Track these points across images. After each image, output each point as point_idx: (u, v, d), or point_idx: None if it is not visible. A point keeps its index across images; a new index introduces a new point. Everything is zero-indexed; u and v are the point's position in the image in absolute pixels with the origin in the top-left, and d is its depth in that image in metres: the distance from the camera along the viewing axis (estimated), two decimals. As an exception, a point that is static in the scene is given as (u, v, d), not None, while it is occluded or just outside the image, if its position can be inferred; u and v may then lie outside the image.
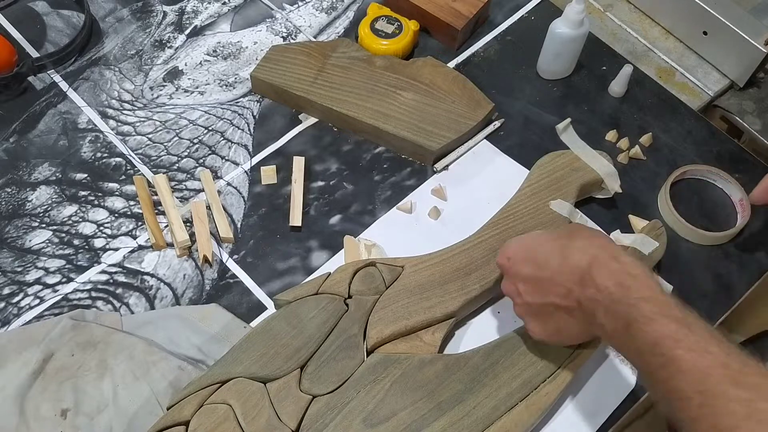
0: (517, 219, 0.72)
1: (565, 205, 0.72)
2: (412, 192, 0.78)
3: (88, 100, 0.83)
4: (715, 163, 0.80)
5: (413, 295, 0.66)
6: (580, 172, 0.75)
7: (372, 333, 0.64)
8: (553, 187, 0.74)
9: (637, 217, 0.76)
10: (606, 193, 0.76)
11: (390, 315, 0.65)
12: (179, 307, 0.70)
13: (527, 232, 0.69)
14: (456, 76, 0.82)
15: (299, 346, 0.63)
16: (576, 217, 0.73)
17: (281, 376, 0.61)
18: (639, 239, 0.71)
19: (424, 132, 0.78)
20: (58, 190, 0.77)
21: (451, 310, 0.66)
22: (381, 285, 0.67)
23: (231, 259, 0.73)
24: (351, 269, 0.68)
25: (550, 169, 0.75)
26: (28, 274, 0.71)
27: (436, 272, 0.68)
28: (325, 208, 0.77)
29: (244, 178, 0.78)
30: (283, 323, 0.64)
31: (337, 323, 0.64)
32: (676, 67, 0.91)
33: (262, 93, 0.84)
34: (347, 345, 0.63)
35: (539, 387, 0.62)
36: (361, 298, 0.66)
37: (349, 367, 0.62)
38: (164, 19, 0.90)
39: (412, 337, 0.65)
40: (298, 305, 0.65)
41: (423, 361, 0.63)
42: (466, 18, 0.86)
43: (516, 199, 0.74)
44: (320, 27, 0.90)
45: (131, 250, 0.73)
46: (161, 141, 0.80)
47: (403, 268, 0.68)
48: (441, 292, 0.67)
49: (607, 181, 0.75)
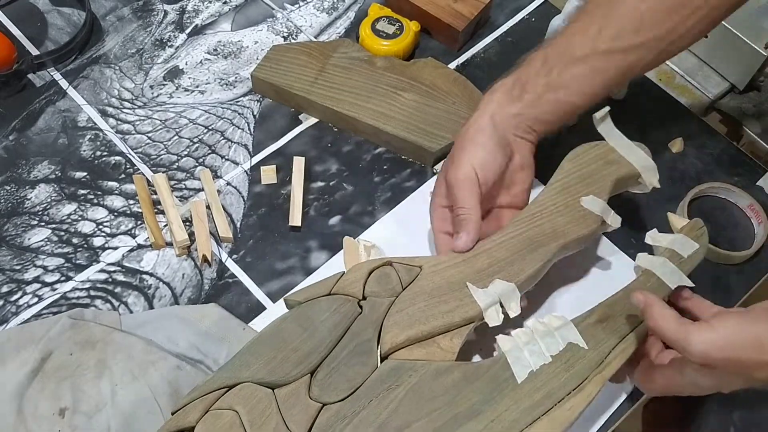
0: (545, 217, 0.66)
1: (597, 203, 0.67)
2: (412, 193, 0.78)
3: (87, 98, 0.83)
4: (714, 166, 0.80)
5: (431, 297, 0.62)
6: (615, 165, 0.69)
7: (386, 338, 0.60)
8: (585, 182, 0.68)
9: (677, 216, 0.70)
10: (643, 188, 0.71)
11: (406, 319, 0.61)
12: (178, 306, 0.70)
13: (556, 230, 0.65)
14: (457, 77, 0.82)
15: (310, 350, 0.59)
16: (609, 215, 0.68)
17: (290, 381, 0.58)
18: (678, 240, 0.66)
19: (425, 133, 0.78)
20: (58, 188, 0.76)
21: (471, 315, 0.61)
22: (397, 286, 0.62)
23: (230, 258, 0.73)
24: (366, 269, 0.63)
25: (582, 162, 0.69)
26: (26, 272, 0.71)
27: (456, 273, 0.63)
28: (324, 209, 0.77)
29: (243, 178, 0.78)
30: (293, 325, 0.60)
31: (349, 326, 0.60)
32: (676, 70, 0.91)
33: (262, 93, 0.84)
34: (360, 350, 0.60)
35: (563, 400, 0.57)
36: (376, 300, 0.62)
37: (361, 373, 0.58)
38: (165, 18, 0.90)
39: (428, 343, 0.61)
40: (310, 306, 0.62)
41: (439, 369, 0.59)
42: (467, 19, 0.86)
43: (544, 194, 0.68)
44: (321, 27, 0.90)
45: (130, 249, 0.73)
46: (161, 140, 0.80)
47: (421, 269, 0.64)
48: (460, 295, 0.62)
49: (644, 175, 0.69)
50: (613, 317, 0.62)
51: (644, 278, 0.64)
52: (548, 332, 0.61)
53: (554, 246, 0.65)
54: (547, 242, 0.65)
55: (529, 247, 0.65)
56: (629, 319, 0.62)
